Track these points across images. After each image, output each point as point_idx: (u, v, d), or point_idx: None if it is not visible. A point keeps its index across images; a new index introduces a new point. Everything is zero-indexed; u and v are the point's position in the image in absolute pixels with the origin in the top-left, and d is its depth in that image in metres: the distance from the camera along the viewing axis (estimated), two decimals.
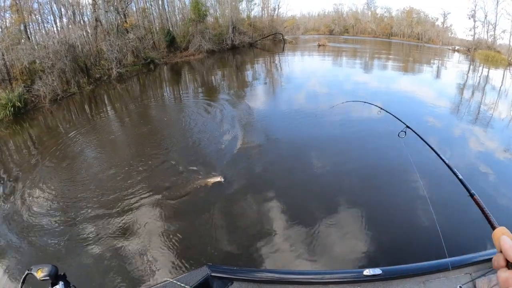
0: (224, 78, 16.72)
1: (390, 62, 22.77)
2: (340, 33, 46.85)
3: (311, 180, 5.77)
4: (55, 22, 17.41)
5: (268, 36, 31.77)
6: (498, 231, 0.74)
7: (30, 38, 15.38)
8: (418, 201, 4.77)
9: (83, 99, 13.40)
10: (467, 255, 1.94)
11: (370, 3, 46.00)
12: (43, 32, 16.44)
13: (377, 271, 1.84)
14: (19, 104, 11.22)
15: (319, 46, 30.40)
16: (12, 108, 10.92)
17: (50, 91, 12.53)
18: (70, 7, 17.76)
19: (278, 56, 24.98)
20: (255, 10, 33.42)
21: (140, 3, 23.18)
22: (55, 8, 17.21)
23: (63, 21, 17.73)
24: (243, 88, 13.81)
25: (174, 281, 1.71)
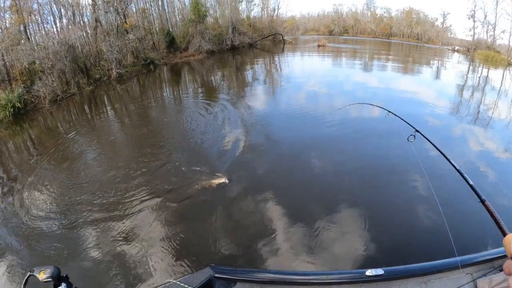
0: (224, 79, 16.70)
1: (391, 62, 22.72)
2: (340, 33, 46.93)
3: (317, 181, 5.74)
4: (55, 23, 17.45)
5: (268, 37, 31.80)
6: (509, 237, 0.74)
7: (30, 39, 15.37)
8: (426, 203, 4.74)
9: (83, 100, 13.38)
10: (468, 256, 1.95)
11: (369, 4, 46.16)
12: (43, 32, 16.45)
13: (379, 271, 1.84)
14: (19, 104, 11.21)
15: (319, 46, 30.42)
16: (12, 109, 10.90)
17: (50, 92, 12.52)
18: (70, 8, 17.76)
19: (278, 57, 24.96)
20: (255, 11, 33.68)
21: (140, 3, 23.21)
22: (55, 9, 17.26)
23: (63, 21, 17.75)
24: (243, 89, 13.79)
25: (177, 282, 1.71)
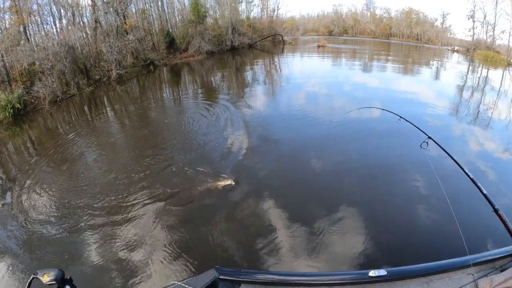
0: (224, 80, 16.69)
1: (391, 63, 22.66)
2: (340, 34, 46.94)
3: (326, 184, 5.73)
4: (54, 24, 17.43)
5: (268, 37, 31.81)
6: None
7: (30, 40, 15.36)
8: (435, 206, 4.74)
9: (82, 101, 13.37)
10: (469, 256, 1.97)
11: (369, 4, 46.16)
12: (43, 33, 16.44)
13: (382, 272, 1.86)
14: (19, 105, 11.19)
15: (319, 47, 30.43)
16: (12, 110, 10.88)
17: (49, 93, 12.50)
18: (69, 9, 17.74)
19: (277, 58, 24.96)
20: (255, 11, 33.56)
21: (140, 4, 23.21)
22: (55, 10, 17.24)
23: (62, 22, 17.74)
24: (243, 90, 13.76)
25: (182, 284, 1.71)
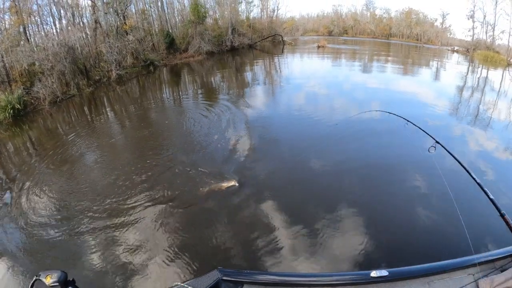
0: (225, 80, 16.68)
1: (393, 64, 22.67)
2: (339, 34, 46.94)
3: (326, 185, 5.73)
4: (54, 24, 17.40)
5: (268, 38, 31.81)
6: None
7: (30, 40, 15.35)
8: (440, 206, 4.76)
9: (82, 101, 13.36)
10: (470, 257, 1.98)
11: (369, 4, 46.16)
12: (43, 34, 16.42)
13: (383, 272, 1.85)
14: (19, 106, 11.18)
15: (319, 47, 30.42)
16: (12, 110, 10.87)
17: (49, 93, 12.49)
18: (69, 9, 17.72)
19: (277, 58, 24.95)
20: (254, 12, 33.57)
21: (140, 5, 23.19)
22: (55, 10, 17.21)
23: (62, 23, 17.71)
24: (244, 91, 13.75)
25: (185, 285, 1.69)
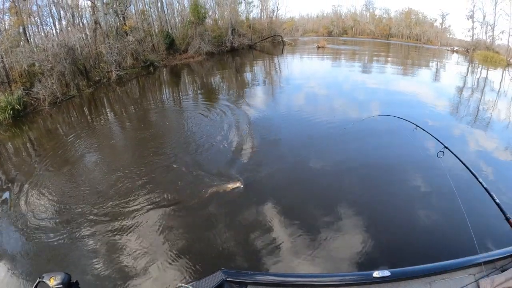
0: (225, 81, 16.69)
1: (392, 64, 22.72)
2: (339, 34, 47.06)
3: (328, 186, 5.75)
4: (54, 25, 17.38)
5: (267, 38, 31.86)
6: None
7: (29, 41, 15.32)
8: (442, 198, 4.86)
9: (82, 102, 13.34)
10: (471, 257, 2.01)
11: (368, 4, 46.32)
12: (42, 34, 16.38)
13: (386, 273, 1.88)
14: (19, 107, 11.17)
15: (318, 48, 30.46)
16: (12, 111, 10.86)
17: (49, 94, 12.47)
18: (69, 10, 17.70)
19: (277, 58, 24.96)
20: (254, 12, 33.62)
21: (139, 5, 23.20)
22: (54, 11, 17.19)
23: (62, 23, 17.69)
24: (244, 91, 13.75)
25: (189, 286, 1.72)
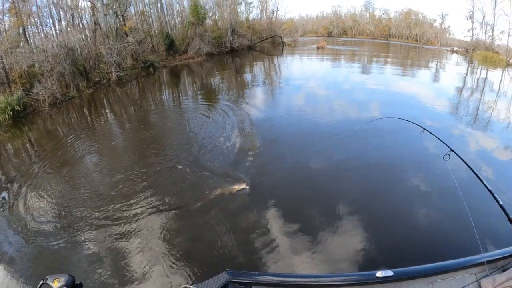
0: (225, 82, 16.68)
1: (392, 65, 22.71)
2: (339, 35, 47.13)
3: (335, 187, 5.79)
4: (54, 26, 17.33)
5: (267, 39, 31.88)
6: None
7: (29, 42, 15.31)
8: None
9: (82, 103, 13.32)
10: (472, 257, 2.02)
11: (368, 5, 46.39)
12: (42, 35, 16.37)
13: (388, 272, 1.88)
14: (18, 107, 11.15)
15: (318, 48, 30.48)
16: (11, 112, 10.84)
17: (49, 95, 12.45)
18: (69, 10, 17.69)
19: (277, 59, 24.96)
20: (254, 13, 33.63)
21: (139, 6, 23.22)
22: (54, 11, 17.15)
23: (62, 24, 17.67)
24: (244, 92, 13.74)
25: (194, 287, 1.71)
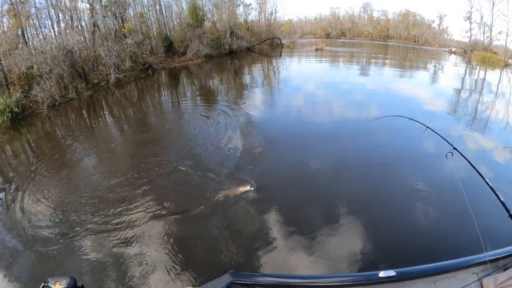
0: (224, 83, 16.69)
1: (390, 67, 22.79)
2: (337, 36, 47.31)
3: (339, 186, 5.80)
4: (52, 27, 17.35)
5: (266, 41, 31.95)
6: None
7: (28, 43, 15.30)
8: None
9: (81, 105, 13.30)
10: (474, 256, 2.03)
11: (366, 6, 46.68)
12: (41, 37, 16.36)
13: (391, 272, 1.89)
14: (17, 109, 11.13)
15: (317, 50, 30.57)
16: (10, 114, 10.82)
17: (48, 97, 12.43)
18: (67, 12, 17.69)
19: (276, 61, 25.00)
20: (252, 15, 33.75)
21: (138, 8, 23.27)
22: (53, 13, 17.14)
23: (60, 26, 17.65)
24: (243, 94, 13.75)
25: None
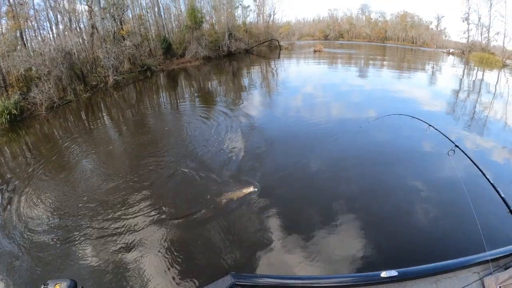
0: (222, 85, 16.71)
1: (388, 68, 22.93)
2: (335, 38, 47.51)
3: (341, 186, 5.79)
4: (51, 29, 17.40)
5: (264, 43, 32.07)
6: None
7: (26, 45, 15.30)
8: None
9: (79, 107, 13.27)
10: (475, 255, 2.02)
11: (364, 8, 46.97)
12: (39, 39, 16.37)
13: (393, 273, 1.88)
14: (15, 111, 11.09)
15: (315, 52, 30.70)
16: (8, 116, 10.77)
17: (46, 99, 12.40)
18: (66, 14, 17.73)
19: (274, 63, 25.07)
20: (251, 17, 33.98)
21: (136, 10, 23.33)
22: (51, 15, 17.19)
23: (59, 28, 17.70)
24: (242, 96, 13.77)
25: None
